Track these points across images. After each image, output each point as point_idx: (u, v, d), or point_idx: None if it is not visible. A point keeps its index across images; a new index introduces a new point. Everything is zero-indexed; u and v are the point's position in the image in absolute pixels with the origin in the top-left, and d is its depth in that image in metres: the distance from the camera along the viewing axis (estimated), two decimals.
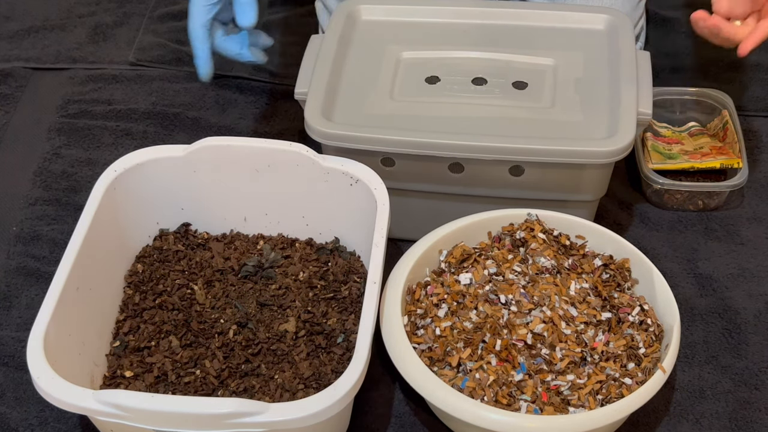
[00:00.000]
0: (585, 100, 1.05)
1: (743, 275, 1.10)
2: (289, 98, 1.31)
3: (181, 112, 1.31)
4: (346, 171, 0.99)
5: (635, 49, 1.08)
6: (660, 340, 0.94)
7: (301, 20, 1.46)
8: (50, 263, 1.11)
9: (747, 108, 1.30)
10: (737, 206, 1.18)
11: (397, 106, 1.05)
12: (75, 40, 1.44)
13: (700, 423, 0.96)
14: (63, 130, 1.29)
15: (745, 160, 1.15)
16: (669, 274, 1.09)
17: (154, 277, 1.02)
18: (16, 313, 1.07)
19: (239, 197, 1.05)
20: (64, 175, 1.23)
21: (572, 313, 0.93)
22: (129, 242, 1.04)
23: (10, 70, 1.38)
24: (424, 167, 1.03)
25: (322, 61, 1.08)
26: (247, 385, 0.92)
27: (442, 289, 0.96)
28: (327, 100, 1.04)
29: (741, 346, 1.03)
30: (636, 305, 0.95)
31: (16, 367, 1.01)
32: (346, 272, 1.03)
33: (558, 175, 1.02)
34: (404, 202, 1.06)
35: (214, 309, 0.99)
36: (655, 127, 1.23)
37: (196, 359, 0.95)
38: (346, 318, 0.98)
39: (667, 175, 1.16)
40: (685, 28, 1.42)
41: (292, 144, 1.00)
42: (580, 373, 0.90)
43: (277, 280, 1.02)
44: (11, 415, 0.97)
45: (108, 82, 1.37)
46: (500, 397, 0.88)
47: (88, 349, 0.93)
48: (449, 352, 0.91)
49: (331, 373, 0.93)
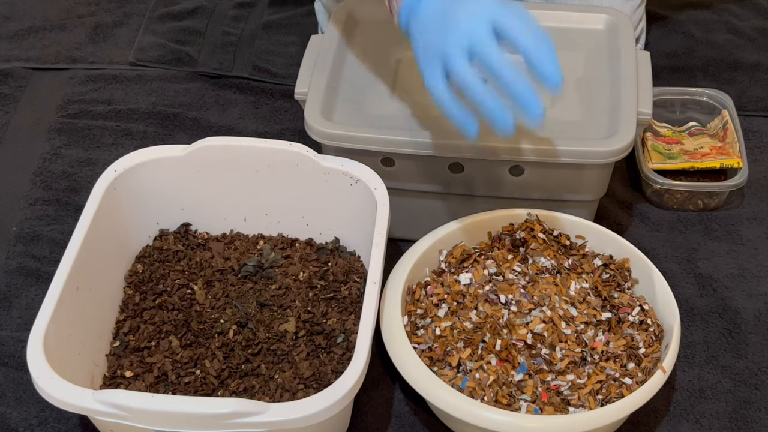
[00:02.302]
0: (585, 100, 1.05)
1: (743, 275, 1.10)
2: (289, 98, 1.31)
3: (181, 112, 1.31)
4: (346, 171, 0.99)
5: (635, 49, 1.08)
6: (660, 340, 0.94)
7: (301, 20, 1.46)
8: (50, 263, 1.11)
9: (747, 108, 1.30)
10: (737, 206, 1.18)
11: (397, 106, 1.05)
12: (75, 40, 1.44)
13: (700, 423, 0.96)
14: (63, 130, 1.29)
15: (745, 160, 1.15)
16: (669, 274, 1.09)
17: (154, 277, 1.02)
18: (16, 313, 1.07)
19: (239, 197, 1.05)
20: (64, 175, 1.23)
21: (572, 313, 0.93)
22: (129, 242, 1.04)
23: (10, 70, 1.38)
24: (424, 167, 1.03)
25: (322, 61, 1.08)
26: (247, 385, 0.92)
27: (442, 289, 0.96)
28: (327, 100, 1.04)
29: (741, 346, 1.03)
30: (636, 305, 0.95)
31: (16, 367, 1.01)
32: (346, 272, 1.03)
33: (558, 175, 1.02)
34: (404, 202, 1.06)
35: (214, 309, 0.99)
36: (655, 127, 1.23)
37: (196, 359, 0.95)
38: (346, 318, 0.98)
39: (667, 175, 1.16)
40: (685, 28, 1.43)
41: (292, 144, 1.00)
42: (580, 373, 0.90)
43: (277, 280, 1.02)
44: (11, 415, 0.97)
45: (108, 82, 1.37)
46: (500, 397, 0.88)
47: (88, 349, 0.93)
48: (449, 352, 0.91)
49: (331, 373, 0.93)
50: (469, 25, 0.83)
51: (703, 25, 1.43)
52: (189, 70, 1.38)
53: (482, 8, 0.84)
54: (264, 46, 1.42)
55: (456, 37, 0.83)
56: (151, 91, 1.35)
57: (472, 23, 0.83)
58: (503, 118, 0.84)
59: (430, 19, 0.87)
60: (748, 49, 1.39)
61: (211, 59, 1.39)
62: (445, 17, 0.85)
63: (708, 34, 1.42)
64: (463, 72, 0.83)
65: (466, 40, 0.83)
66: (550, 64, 0.82)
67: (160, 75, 1.38)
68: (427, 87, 0.87)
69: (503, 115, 0.83)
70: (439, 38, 0.85)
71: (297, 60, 1.12)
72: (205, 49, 1.41)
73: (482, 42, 0.82)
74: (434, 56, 0.85)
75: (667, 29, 1.42)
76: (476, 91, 0.83)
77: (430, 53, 0.86)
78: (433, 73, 0.85)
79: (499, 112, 0.83)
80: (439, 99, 0.86)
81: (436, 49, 0.85)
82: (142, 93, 1.35)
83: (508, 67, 0.82)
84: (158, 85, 1.36)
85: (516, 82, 0.82)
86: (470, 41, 0.83)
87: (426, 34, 0.86)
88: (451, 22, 0.84)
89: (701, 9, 1.47)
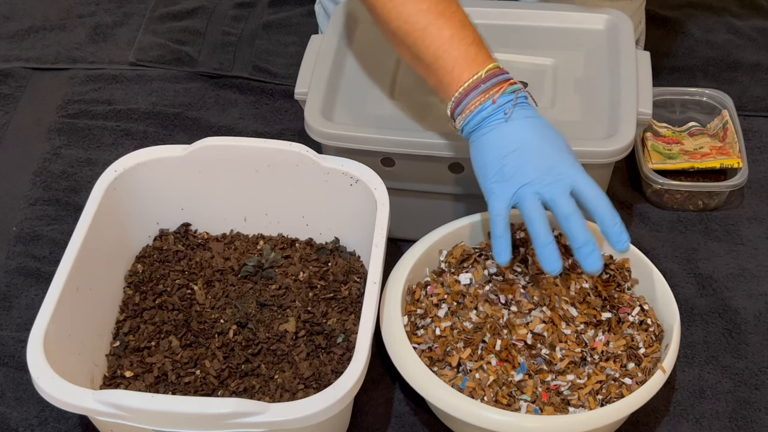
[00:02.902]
0: (585, 100, 1.05)
1: (743, 275, 1.10)
2: (289, 98, 1.31)
3: (181, 112, 1.31)
4: (346, 171, 0.99)
5: (635, 49, 1.08)
6: (660, 340, 0.94)
7: (301, 20, 1.46)
8: (50, 263, 1.11)
9: (747, 108, 1.30)
10: (737, 206, 1.18)
11: (397, 106, 1.05)
12: (75, 40, 1.44)
13: (700, 423, 0.96)
14: (63, 130, 1.29)
15: (745, 160, 1.15)
16: (669, 274, 1.09)
17: (154, 277, 1.02)
18: (16, 313, 1.07)
19: (239, 197, 1.05)
20: (64, 175, 1.23)
21: (572, 313, 0.93)
22: (129, 242, 1.04)
23: (10, 70, 1.38)
24: (424, 167, 1.03)
25: (322, 61, 1.08)
26: (247, 385, 0.92)
27: (442, 289, 0.96)
28: (327, 100, 1.04)
29: (741, 346, 1.03)
30: (636, 305, 0.95)
31: (16, 367, 1.01)
32: (346, 272, 1.03)
33: None
34: (404, 202, 1.06)
35: (214, 309, 0.99)
36: (655, 127, 1.23)
37: (196, 359, 0.95)
38: (346, 318, 0.98)
39: (667, 175, 1.16)
40: (685, 28, 1.43)
41: (292, 144, 1.00)
42: (580, 373, 0.90)
43: (277, 280, 1.02)
44: (11, 415, 0.97)
45: (108, 82, 1.37)
46: (500, 397, 0.88)
47: (88, 349, 0.93)
48: (449, 352, 0.91)
49: (331, 373, 0.93)
50: (564, 171, 0.87)
51: (703, 25, 1.43)
52: (189, 70, 1.38)
53: (572, 164, 0.88)
54: (264, 46, 1.42)
55: (545, 174, 0.87)
56: (151, 91, 1.35)
57: (565, 170, 0.87)
58: (555, 263, 0.88)
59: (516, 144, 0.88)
60: (748, 49, 1.39)
61: (211, 59, 1.40)
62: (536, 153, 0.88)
63: (708, 34, 1.42)
64: (540, 212, 0.87)
65: (554, 182, 0.87)
66: (621, 231, 0.88)
67: (160, 75, 1.38)
68: (491, 204, 0.89)
69: (556, 261, 0.88)
70: (525, 168, 0.87)
71: (297, 60, 1.12)
72: (205, 49, 1.41)
73: (561, 195, 0.87)
74: (512, 181, 0.88)
75: (667, 29, 1.42)
76: (543, 230, 0.87)
77: (506, 175, 0.88)
78: (504, 195, 0.88)
79: (551, 255, 0.87)
80: (496, 219, 0.89)
81: (518, 177, 0.87)
82: (142, 93, 1.35)
83: (578, 220, 0.87)
84: (158, 85, 1.36)
85: (580, 237, 0.87)
86: (556, 187, 0.87)
87: (508, 156, 0.88)
88: (539, 161, 0.88)
89: (701, 9, 1.47)
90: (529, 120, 0.89)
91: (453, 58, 0.89)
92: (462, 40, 0.89)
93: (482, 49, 0.90)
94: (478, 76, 0.89)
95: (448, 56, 0.89)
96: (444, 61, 0.89)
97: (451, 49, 0.89)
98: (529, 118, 0.89)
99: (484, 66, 0.89)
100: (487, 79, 0.89)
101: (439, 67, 0.90)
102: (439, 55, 0.89)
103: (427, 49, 0.90)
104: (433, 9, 0.90)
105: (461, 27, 0.90)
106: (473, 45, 0.90)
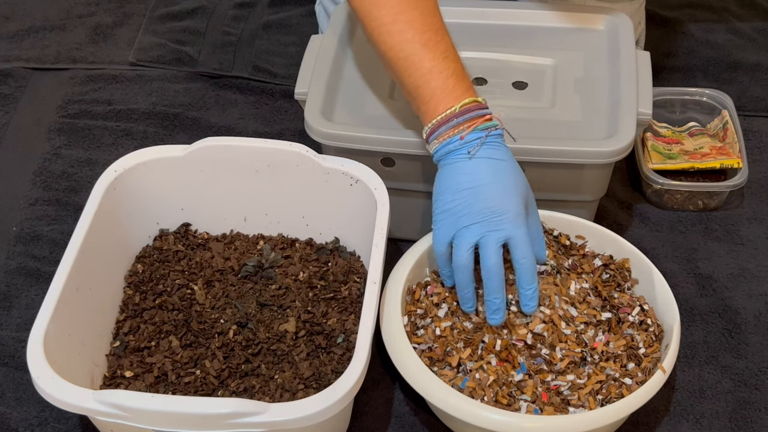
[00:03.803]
0: (585, 100, 1.05)
1: (743, 275, 1.10)
2: (289, 98, 1.31)
3: (181, 112, 1.31)
4: (346, 171, 0.99)
5: (635, 49, 1.08)
6: (660, 340, 0.94)
7: (301, 20, 1.46)
8: (50, 263, 1.11)
9: (747, 108, 1.30)
10: (737, 206, 1.18)
11: (397, 106, 1.05)
12: (75, 40, 1.44)
13: (700, 423, 0.96)
14: (63, 130, 1.29)
15: (745, 160, 1.15)
16: (669, 274, 1.09)
17: (154, 277, 1.02)
18: (16, 313, 1.07)
19: (239, 197, 1.05)
20: (64, 175, 1.23)
21: (572, 313, 0.93)
22: (129, 242, 1.04)
23: (10, 70, 1.38)
24: (424, 167, 1.03)
25: (322, 61, 1.08)
26: (247, 385, 0.92)
27: (442, 289, 0.96)
28: (327, 100, 1.04)
29: (741, 346, 1.03)
30: (636, 305, 0.95)
31: (16, 367, 1.01)
32: (346, 272, 1.03)
33: (558, 175, 1.02)
34: (404, 202, 1.06)
35: (214, 309, 0.99)
36: (655, 127, 1.23)
37: (196, 359, 0.95)
38: (346, 318, 0.98)
39: (667, 175, 1.16)
40: (685, 28, 1.43)
41: (292, 144, 1.00)
42: (580, 373, 0.90)
43: (277, 280, 1.02)
44: (11, 415, 0.97)
45: (108, 83, 1.37)
46: (500, 397, 0.88)
47: (88, 349, 0.93)
48: (449, 352, 0.91)
49: (331, 373, 0.93)
50: (503, 224, 0.89)
51: (703, 25, 1.43)
52: (189, 70, 1.38)
53: (516, 216, 0.89)
54: (264, 46, 1.42)
55: (486, 221, 0.89)
56: (151, 91, 1.35)
57: (505, 222, 0.88)
58: (470, 304, 0.93)
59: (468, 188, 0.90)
60: (748, 49, 1.39)
61: (211, 59, 1.40)
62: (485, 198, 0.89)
63: (708, 34, 1.42)
64: (469, 258, 0.90)
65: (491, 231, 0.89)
66: (532, 296, 0.91)
67: (160, 75, 1.38)
68: (436, 232, 0.92)
69: (471, 302, 0.93)
70: (471, 209, 0.89)
71: (297, 60, 1.12)
72: (205, 49, 1.41)
73: (491, 246, 0.89)
74: (456, 217, 0.90)
75: (667, 29, 1.42)
76: (465, 280, 0.91)
77: (454, 211, 0.90)
78: (448, 228, 0.91)
79: (469, 300, 0.93)
80: (437, 255, 0.93)
81: (463, 217, 0.90)
82: (142, 93, 1.35)
83: (496, 276, 0.89)
84: (158, 85, 1.36)
85: (491, 291, 0.90)
86: (490, 237, 0.89)
87: (461, 192, 0.90)
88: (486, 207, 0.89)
89: (701, 9, 1.47)
90: (491, 162, 0.90)
91: (431, 90, 0.91)
92: (441, 73, 0.91)
93: (461, 82, 0.91)
94: (452, 110, 0.90)
95: (426, 87, 0.91)
96: (423, 91, 0.91)
97: (430, 81, 0.91)
98: (491, 160, 0.90)
99: (460, 100, 0.90)
100: (460, 114, 0.90)
101: (418, 95, 0.92)
102: (420, 85, 0.91)
103: (408, 78, 0.92)
104: (417, 39, 0.91)
105: (443, 59, 0.91)
106: (452, 78, 0.91)
